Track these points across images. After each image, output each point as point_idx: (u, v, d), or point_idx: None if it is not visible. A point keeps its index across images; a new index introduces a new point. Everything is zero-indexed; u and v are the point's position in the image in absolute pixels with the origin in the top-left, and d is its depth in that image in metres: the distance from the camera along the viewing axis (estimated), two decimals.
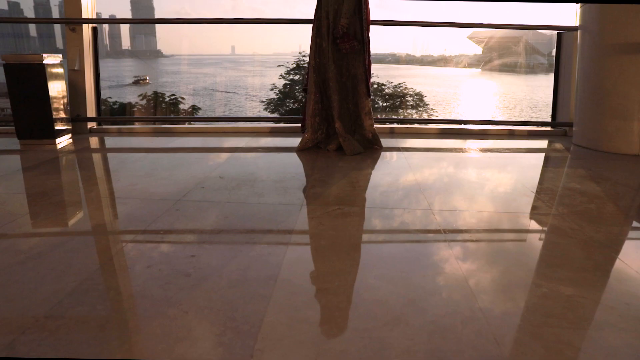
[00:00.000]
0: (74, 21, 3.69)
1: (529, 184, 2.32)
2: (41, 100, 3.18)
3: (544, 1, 3.67)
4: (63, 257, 1.39)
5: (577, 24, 3.44)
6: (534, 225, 1.77)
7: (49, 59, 3.23)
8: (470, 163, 2.82)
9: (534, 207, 1.94)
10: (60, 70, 3.37)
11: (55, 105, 3.25)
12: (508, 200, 2.03)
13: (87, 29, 3.82)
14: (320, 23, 2.91)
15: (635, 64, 2.97)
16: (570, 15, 3.68)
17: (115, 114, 15.01)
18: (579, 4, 3.37)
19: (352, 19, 2.84)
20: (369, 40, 2.97)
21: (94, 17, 3.97)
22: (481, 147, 3.25)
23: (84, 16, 3.77)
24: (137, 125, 4.38)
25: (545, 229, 1.73)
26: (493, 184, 2.30)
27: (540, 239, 1.66)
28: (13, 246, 1.51)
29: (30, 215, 1.82)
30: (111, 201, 2.01)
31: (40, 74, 3.15)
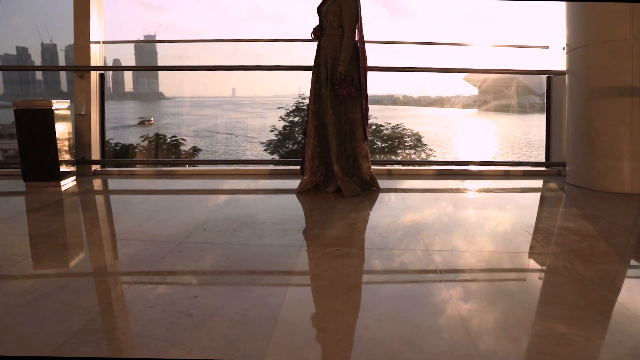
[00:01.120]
0: (83, 69, 3.85)
1: (524, 223, 2.37)
2: (48, 143, 3.28)
3: None
4: (68, 298, 1.43)
5: (565, 69, 3.59)
6: (528, 264, 1.81)
7: (57, 104, 3.35)
8: (467, 203, 2.88)
9: (528, 247, 1.98)
10: (68, 114, 3.49)
11: (61, 148, 3.35)
12: (504, 240, 2.08)
13: (94, 75, 3.98)
14: (320, 70, 3.05)
15: (623, 105, 3.09)
16: (558, 60, 3.84)
17: (117, 155, 15.20)
18: (565, 51, 3.54)
19: (349, 66, 2.98)
20: (366, 86, 3.10)
21: (102, 64, 4.15)
22: (477, 188, 3.32)
23: (92, 64, 3.94)
24: (139, 168, 4.47)
25: (539, 267, 1.77)
26: (489, 224, 2.35)
27: (534, 278, 1.70)
28: (19, 287, 1.55)
29: (35, 257, 1.86)
30: (115, 243, 2.06)
31: (48, 119, 3.27)
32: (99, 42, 4.04)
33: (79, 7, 3.89)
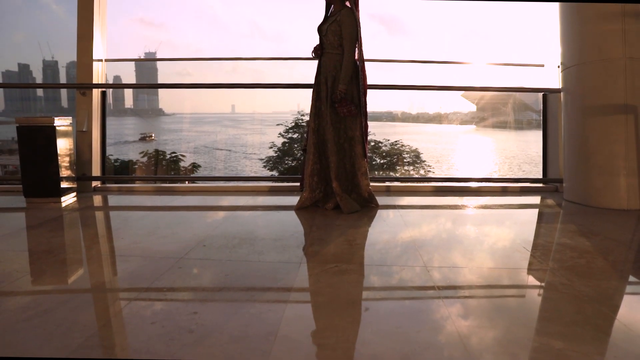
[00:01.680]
0: (85, 86, 3.90)
1: (522, 239, 2.39)
2: (49, 160, 3.31)
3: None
4: (69, 314, 1.44)
5: (560, 86, 3.64)
6: (525, 280, 1.83)
7: (59, 121, 3.39)
8: (466, 220, 2.89)
9: (526, 263, 2.00)
10: (69, 131, 3.53)
11: (62, 164, 3.38)
12: (502, 257, 2.09)
13: (96, 92, 4.04)
14: (320, 88, 3.10)
15: (617, 122, 3.13)
16: (554, 77, 3.90)
17: (117, 171, 15.22)
18: (560, 69, 3.60)
19: (349, 84, 3.02)
20: (365, 104, 3.14)
21: (104, 82, 4.20)
22: (476, 204, 3.35)
23: (94, 81, 4.00)
24: (139, 184, 4.49)
25: (536, 284, 1.78)
26: (487, 240, 2.36)
27: (531, 294, 1.71)
28: (19, 303, 1.55)
29: (36, 273, 1.87)
30: (115, 259, 2.07)
31: (50, 136, 3.31)
32: (101, 60, 4.11)
33: (83, 26, 3.96)
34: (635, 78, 3.12)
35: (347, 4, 3.06)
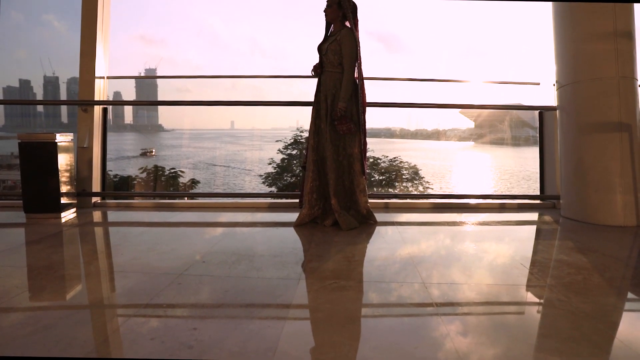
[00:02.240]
0: (87, 103, 3.95)
1: (520, 256, 2.40)
2: (50, 176, 3.33)
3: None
4: (68, 330, 1.44)
5: (556, 104, 3.70)
6: (523, 297, 1.84)
7: (60, 137, 3.42)
8: (464, 236, 2.91)
9: (523, 280, 2.01)
10: (70, 147, 3.56)
11: (62, 180, 3.40)
12: (499, 273, 2.11)
13: (97, 109, 4.08)
14: (320, 106, 3.15)
15: (612, 140, 3.18)
16: (550, 95, 3.95)
17: (116, 187, 15.22)
18: (555, 87, 3.65)
19: (349, 102, 3.07)
20: (364, 122, 3.18)
21: (105, 98, 4.25)
22: (474, 221, 3.36)
23: (96, 98, 4.05)
24: (139, 200, 4.50)
25: (534, 300, 1.80)
26: (485, 257, 2.38)
27: (529, 310, 1.72)
28: (19, 319, 1.56)
29: (36, 289, 1.88)
30: (115, 275, 2.07)
31: (51, 152, 3.33)
32: (103, 78, 4.16)
33: (86, 44, 4.03)
34: (628, 96, 3.18)
35: (347, 24, 3.13)
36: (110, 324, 1.54)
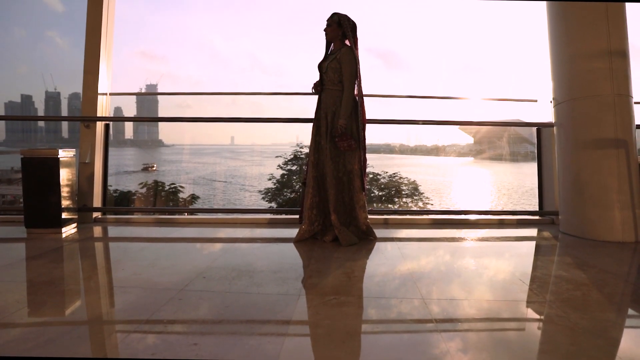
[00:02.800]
0: (90, 119, 3.99)
1: (519, 272, 2.41)
2: (52, 191, 3.35)
3: None
4: (69, 345, 1.45)
5: (553, 121, 3.74)
6: (522, 313, 1.84)
7: (63, 152, 3.45)
8: (463, 252, 2.92)
9: (522, 296, 2.02)
10: (72, 162, 3.59)
11: (64, 195, 3.42)
12: (499, 289, 2.11)
13: (100, 125, 4.12)
14: (320, 123, 3.19)
15: (609, 156, 3.21)
16: (547, 111, 3.99)
17: (116, 202, 15.21)
18: (552, 104, 3.70)
19: (349, 119, 3.11)
20: (364, 139, 3.22)
21: (108, 115, 4.30)
22: (473, 237, 3.38)
23: (99, 114, 4.09)
24: (139, 215, 4.51)
25: (533, 316, 1.80)
26: (485, 273, 2.39)
27: (528, 326, 1.72)
28: (20, 334, 1.56)
29: (37, 304, 1.88)
30: (115, 290, 2.08)
31: (53, 167, 3.36)
32: (105, 94, 4.21)
33: (89, 61, 4.09)
34: (624, 114, 3.22)
35: (347, 42, 3.19)
36: (110, 340, 1.55)
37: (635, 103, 3.34)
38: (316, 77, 3.29)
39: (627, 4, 3.39)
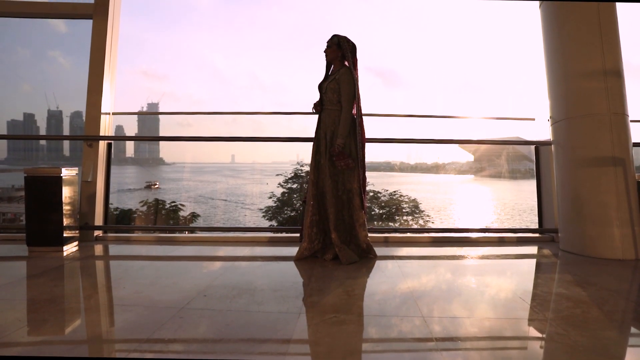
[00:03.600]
0: (93, 138, 4.03)
1: (520, 290, 2.41)
2: (54, 210, 3.38)
3: None
4: None
5: (551, 139, 3.77)
6: (522, 331, 1.84)
7: (66, 171, 3.48)
8: (463, 271, 2.92)
9: (522, 314, 2.02)
10: (75, 181, 3.62)
11: (66, 213, 3.44)
12: (499, 307, 2.12)
13: (102, 144, 4.16)
14: (320, 142, 3.23)
15: (607, 174, 3.24)
16: (545, 129, 4.03)
17: (117, 220, 15.19)
18: (550, 123, 3.74)
19: (347, 139, 3.15)
20: (363, 158, 3.25)
21: (110, 134, 4.34)
22: (473, 255, 3.38)
23: (102, 133, 4.14)
24: (140, 234, 4.52)
25: (534, 334, 1.80)
26: (486, 291, 2.39)
27: (528, 344, 1.73)
28: (21, 353, 1.57)
29: (38, 322, 1.89)
30: (117, 309, 2.09)
31: (56, 186, 3.39)
32: (108, 114, 4.27)
33: (94, 81, 4.16)
34: (620, 132, 3.26)
35: (346, 63, 3.25)
36: (113, 358, 1.55)
37: (631, 121, 3.39)
38: (315, 95, 3.35)
39: (620, 21, 3.45)
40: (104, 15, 4.21)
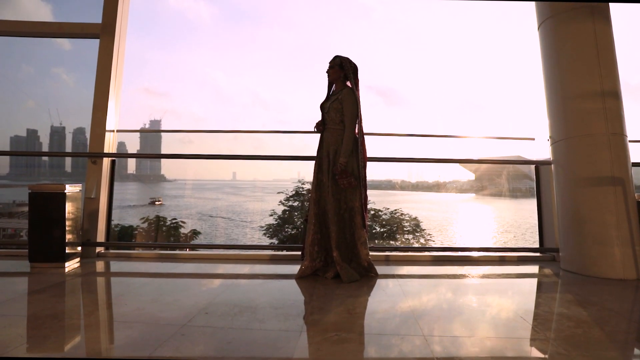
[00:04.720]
0: (97, 155, 4.08)
1: (522, 310, 2.41)
2: (57, 226, 3.40)
3: None
4: None
5: (551, 159, 3.80)
6: (524, 351, 1.84)
7: (69, 187, 3.51)
8: (464, 290, 2.92)
9: (524, 333, 2.02)
10: (78, 197, 3.64)
11: (68, 230, 3.46)
12: (500, 327, 2.12)
13: (106, 161, 4.20)
14: (322, 161, 3.27)
15: (606, 193, 3.26)
16: (545, 149, 4.06)
17: (118, 236, 15.16)
18: (549, 142, 3.78)
19: (349, 158, 3.19)
20: (365, 176, 3.28)
21: (114, 151, 4.39)
22: (474, 274, 3.38)
23: (106, 150, 4.18)
24: (141, 251, 4.53)
25: (535, 354, 1.80)
26: (487, 310, 2.39)
27: None
28: None
29: (39, 339, 1.89)
30: (118, 325, 2.09)
31: (60, 202, 3.42)
32: (113, 131, 4.32)
33: (99, 98, 4.22)
34: (619, 152, 3.30)
35: (348, 83, 3.30)
36: None
37: (630, 141, 3.42)
38: (316, 113, 3.40)
39: (617, 41, 3.51)
40: (110, 35, 4.29)
